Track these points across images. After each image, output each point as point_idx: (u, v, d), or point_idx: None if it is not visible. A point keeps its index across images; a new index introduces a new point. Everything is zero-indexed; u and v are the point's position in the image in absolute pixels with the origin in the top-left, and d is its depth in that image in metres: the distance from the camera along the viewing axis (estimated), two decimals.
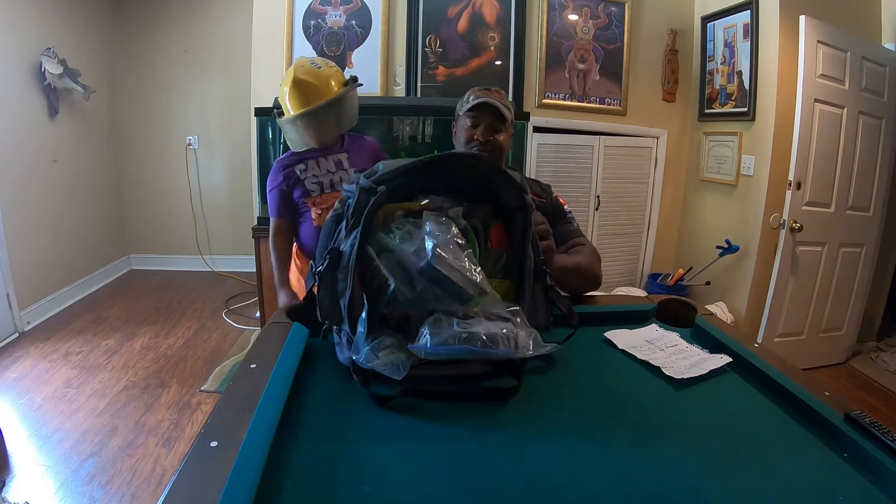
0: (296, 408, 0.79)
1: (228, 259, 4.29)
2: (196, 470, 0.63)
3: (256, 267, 2.59)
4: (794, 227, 2.59)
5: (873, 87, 2.69)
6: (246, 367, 0.88)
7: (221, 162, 4.20)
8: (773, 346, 2.64)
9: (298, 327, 1.04)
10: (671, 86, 3.25)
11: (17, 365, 2.67)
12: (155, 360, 2.79)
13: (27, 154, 3.17)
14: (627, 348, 1.05)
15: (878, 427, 0.74)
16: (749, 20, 2.74)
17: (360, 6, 2.99)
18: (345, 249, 0.79)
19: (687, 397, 0.89)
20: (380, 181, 0.82)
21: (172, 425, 2.20)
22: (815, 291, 2.81)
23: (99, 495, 1.78)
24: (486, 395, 0.81)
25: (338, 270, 0.80)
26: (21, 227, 3.11)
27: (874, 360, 3.06)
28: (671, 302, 1.26)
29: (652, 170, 3.33)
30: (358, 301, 0.77)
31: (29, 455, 1.98)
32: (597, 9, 3.10)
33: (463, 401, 0.79)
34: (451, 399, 0.79)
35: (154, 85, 4.06)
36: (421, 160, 0.86)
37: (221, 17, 3.95)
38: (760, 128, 2.74)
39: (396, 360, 0.75)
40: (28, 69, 3.15)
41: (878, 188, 2.83)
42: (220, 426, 0.71)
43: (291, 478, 0.64)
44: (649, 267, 3.45)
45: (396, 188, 0.84)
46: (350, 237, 0.79)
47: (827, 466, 0.72)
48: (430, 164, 0.86)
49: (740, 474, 0.69)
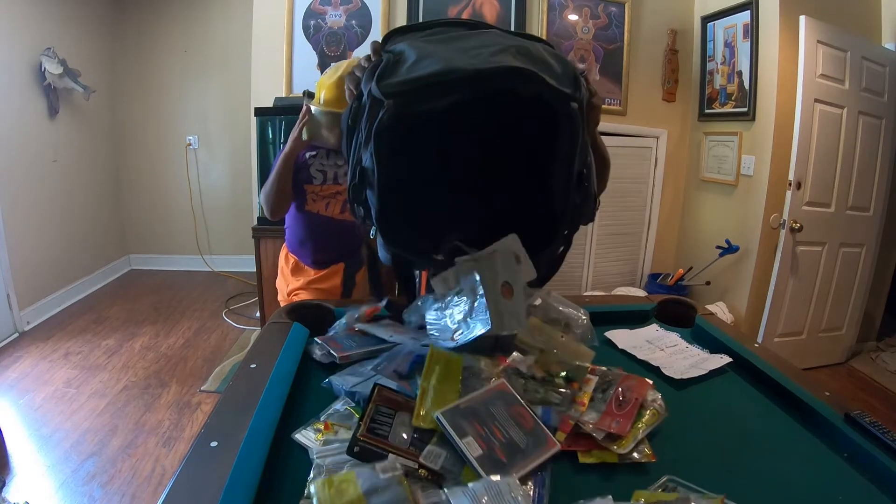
0: (296, 408, 0.79)
1: (228, 259, 4.29)
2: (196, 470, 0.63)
3: (256, 267, 2.59)
4: (794, 227, 2.59)
5: (873, 87, 2.69)
6: (246, 367, 0.88)
7: (221, 162, 4.20)
8: (773, 346, 2.64)
9: (298, 327, 1.04)
10: (671, 86, 3.25)
11: (17, 365, 2.67)
12: (155, 360, 2.79)
13: (27, 154, 3.17)
14: (627, 348, 1.05)
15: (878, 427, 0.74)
16: (749, 20, 2.74)
17: (360, 6, 2.99)
18: (367, 165, 0.77)
19: (687, 397, 0.89)
20: (392, 92, 0.73)
21: (172, 425, 2.20)
22: (815, 291, 2.81)
23: (99, 495, 1.78)
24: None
25: (365, 186, 0.79)
26: (21, 227, 3.11)
27: (874, 360, 3.06)
28: (671, 302, 1.26)
29: (652, 170, 3.33)
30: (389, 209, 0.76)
31: (29, 455, 1.98)
32: (597, 9, 3.10)
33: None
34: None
35: (154, 85, 4.06)
36: (450, 71, 0.72)
37: (221, 17, 3.95)
38: (760, 128, 2.74)
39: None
40: (28, 69, 3.15)
41: (878, 188, 2.83)
42: (220, 426, 0.71)
43: (291, 478, 0.64)
44: (649, 267, 3.45)
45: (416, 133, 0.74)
46: (367, 153, 0.76)
47: (827, 466, 0.72)
48: (457, 82, 0.72)
49: (740, 474, 0.69)
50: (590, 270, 3.25)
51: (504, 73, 0.72)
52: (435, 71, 0.72)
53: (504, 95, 0.74)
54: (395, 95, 0.72)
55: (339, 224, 1.76)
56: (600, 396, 0.80)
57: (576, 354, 0.88)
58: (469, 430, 0.65)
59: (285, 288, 1.82)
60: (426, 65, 0.72)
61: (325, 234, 1.76)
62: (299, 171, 1.70)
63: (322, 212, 1.73)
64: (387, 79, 0.73)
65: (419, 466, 0.63)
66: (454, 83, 0.72)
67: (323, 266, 1.79)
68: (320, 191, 1.71)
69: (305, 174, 1.71)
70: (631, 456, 0.70)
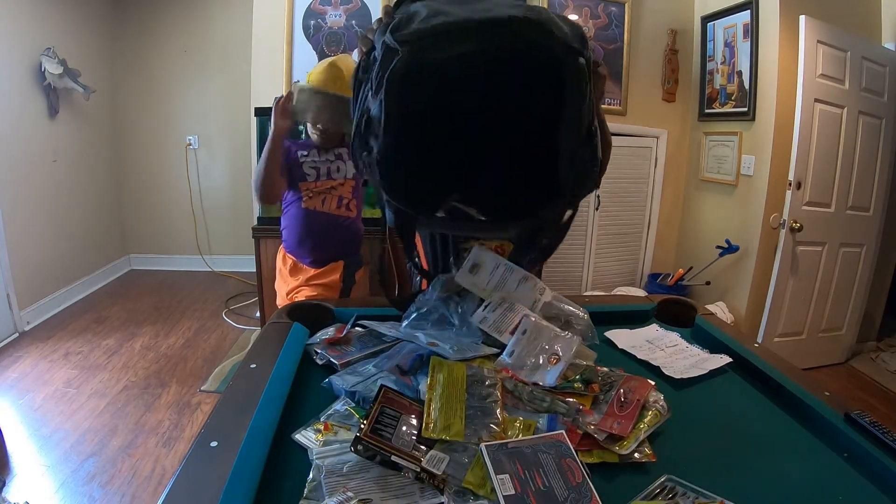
0: (296, 408, 0.79)
1: (228, 259, 4.29)
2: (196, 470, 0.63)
3: (256, 267, 2.58)
4: (794, 227, 2.59)
5: (873, 87, 2.69)
6: (246, 367, 0.88)
7: (221, 162, 4.20)
8: (773, 346, 2.64)
9: (298, 327, 1.04)
10: (671, 86, 3.25)
11: (17, 365, 2.67)
12: (155, 360, 2.79)
13: (27, 154, 3.17)
14: (627, 348, 1.05)
15: (878, 427, 0.74)
16: (749, 20, 2.74)
17: (360, 6, 2.99)
18: (375, 114, 0.77)
19: (687, 397, 0.89)
20: (406, 40, 0.74)
21: (172, 425, 2.20)
22: (815, 291, 2.81)
23: (99, 495, 1.78)
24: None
25: (370, 135, 0.78)
26: (21, 227, 3.11)
27: (874, 360, 3.06)
28: (671, 302, 1.26)
29: (652, 170, 3.33)
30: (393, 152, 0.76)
31: (29, 455, 1.98)
32: (597, 9, 3.10)
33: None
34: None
35: (154, 85, 4.06)
36: (465, 20, 0.73)
37: (221, 17, 3.94)
38: (760, 128, 2.74)
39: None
40: (28, 69, 3.15)
41: (878, 188, 2.82)
42: (220, 426, 0.71)
43: (291, 478, 0.64)
44: (649, 267, 3.45)
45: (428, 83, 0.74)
46: (377, 101, 0.76)
47: (827, 466, 0.72)
48: (471, 30, 0.73)
49: (740, 474, 0.69)
50: (590, 270, 3.25)
51: (518, 22, 0.73)
52: (449, 20, 0.74)
53: (515, 50, 0.75)
54: (409, 42, 0.73)
55: (336, 220, 1.79)
56: (602, 397, 0.80)
57: (578, 355, 0.89)
58: (508, 468, 0.64)
59: (285, 288, 1.82)
60: (440, 18, 0.74)
61: (322, 231, 1.78)
62: (293, 169, 1.73)
63: (319, 208, 1.76)
64: (401, 31, 0.75)
65: (421, 470, 0.63)
66: (469, 31, 0.73)
67: (321, 264, 1.80)
68: (315, 187, 1.74)
69: (299, 172, 1.74)
70: (632, 456, 0.70)
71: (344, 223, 1.82)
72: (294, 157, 1.74)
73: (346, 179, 1.79)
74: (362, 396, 0.79)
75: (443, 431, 0.70)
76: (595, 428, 0.73)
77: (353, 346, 0.97)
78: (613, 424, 0.73)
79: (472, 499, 0.61)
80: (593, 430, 0.73)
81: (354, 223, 1.87)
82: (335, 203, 1.77)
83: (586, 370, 0.86)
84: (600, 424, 0.74)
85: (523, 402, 0.79)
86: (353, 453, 0.63)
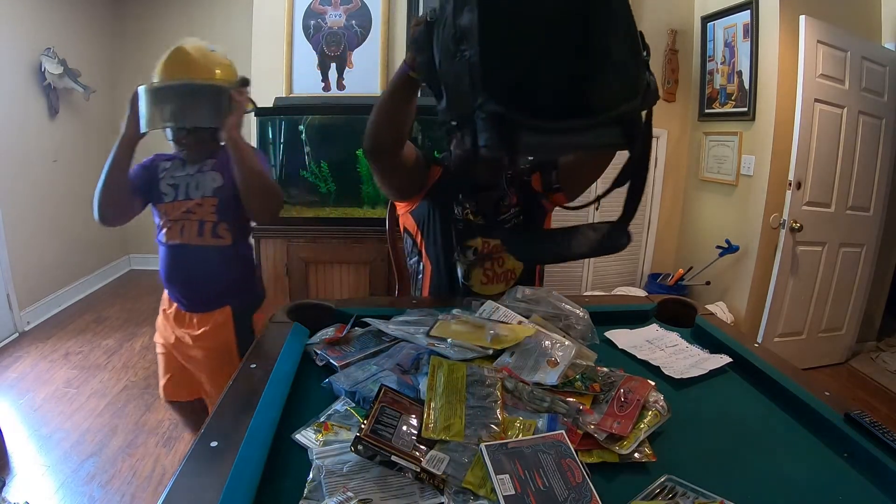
0: (296, 408, 0.79)
1: None
2: (196, 470, 0.63)
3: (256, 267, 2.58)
4: (794, 227, 2.59)
5: (873, 87, 2.69)
6: (246, 367, 0.88)
7: None
8: (773, 346, 2.64)
9: (298, 327, 1.04)
10: (671, 86, 3.25)
11: (17, 365, 2.67)
12: (155, 360, 2.78)
13: (27, 154, 3.17)
14: (627, 348, 1.05)
15: (878, 427, 0.74)
16: (749, 20, 2.73)
17: (360, 6, 2.99)
18: (466, 24, 0.77)
19: (687, 397, 0.89)
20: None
21: (172, 425, 2.20)
22: (815, 291, 2.81)
23: (99, 495, 1.78)
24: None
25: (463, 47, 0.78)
26: (21, 227, 3.11)
27: (874, 360, 3.05)
28: (671, 302, 1.26)
29: (652, 170, 3.33)
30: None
31: (29, 455, 1.98)
32: None
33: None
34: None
35: None
36: None
37: (221, 17, 3.94)
38: (760, 128, 2.74)
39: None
40: (28, 69, 3.15)
41: (878, 188, 2.82)
42: (220, 426, 0.71)
43: (291, 478, 0.64)
44: (649, 267, 3.44)
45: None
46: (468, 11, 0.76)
47: (827, 466, 0.72)
48: None
49: (740, 474, 0.69)
50: (590, 270, 3.25)
51: None
52: None
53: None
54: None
55: (202, 253, 1.42)
56: (602, 397, 0.80)
57: (578, 355, 0.89)
58: (508, 468, 0.64)
59: (169, 337, 1.55)
60: None
61: (187, 268, 1.45)
62: (150, 189, 1.44)
63: (176, 239, 1.43)
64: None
65: (421, 471, 0.63)
66: None
67: (202, 309, 1.48)
68: (171, 210, 1.42)
69: (156, 193, 1.44)
70: (632, 456, 0.70)
71: (212, 256, 1.43)
72: (154, 173, 1.46)
73: (203, 198, 1.41)
74: (362, 396, 0.79)
75: (443, 431, 0.70)
76: (595, 428, 0.73)
77: (353, 347, 0.97)
78: (613, 424, 0.73)
79: (472, 499, 0.61)
80: (593, 430, 0.73)
81: (231, 251, 1.46)
82: (195, 230, 1.41)
83: (587, 370, 0.86)
84: (600, 424, 0.74)
85: (523, 402, 0.79)
86: (353, 453, 0.63)
